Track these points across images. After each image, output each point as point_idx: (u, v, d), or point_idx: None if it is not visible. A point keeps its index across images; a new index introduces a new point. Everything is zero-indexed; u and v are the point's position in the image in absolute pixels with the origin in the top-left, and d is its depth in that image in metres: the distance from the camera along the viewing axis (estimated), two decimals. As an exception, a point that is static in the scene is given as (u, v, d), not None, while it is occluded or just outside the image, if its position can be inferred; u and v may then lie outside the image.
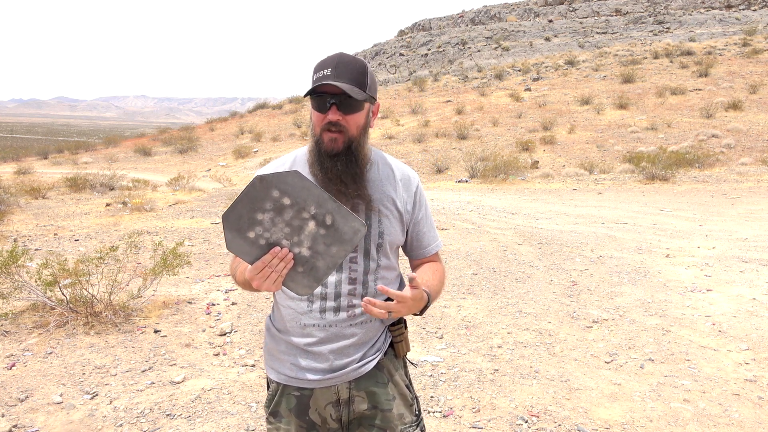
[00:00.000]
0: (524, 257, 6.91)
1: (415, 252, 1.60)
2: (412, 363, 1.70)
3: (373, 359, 1.49)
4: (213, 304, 5.04)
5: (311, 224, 1.25)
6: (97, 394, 3.38)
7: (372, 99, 1.44)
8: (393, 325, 1.53)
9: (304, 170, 1.50)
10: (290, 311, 1.48)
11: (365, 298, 1.31)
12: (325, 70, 1.36)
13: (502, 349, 4.14)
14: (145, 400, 3.32)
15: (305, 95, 1.41)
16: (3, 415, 3.11)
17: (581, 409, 3.26)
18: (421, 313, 1.44)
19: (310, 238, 1.25)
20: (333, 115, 1.37)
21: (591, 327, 4.59)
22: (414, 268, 1.63)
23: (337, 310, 1.44)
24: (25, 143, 65.81)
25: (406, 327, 1.57)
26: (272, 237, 1.25)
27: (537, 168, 18.60)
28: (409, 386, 1.59)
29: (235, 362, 3.89)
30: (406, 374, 1.60)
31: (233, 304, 5.09)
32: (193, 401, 3.32)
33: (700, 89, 27.17)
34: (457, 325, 4.61)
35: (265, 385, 3.53)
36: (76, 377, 3.59)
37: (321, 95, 1.37)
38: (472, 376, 3.67)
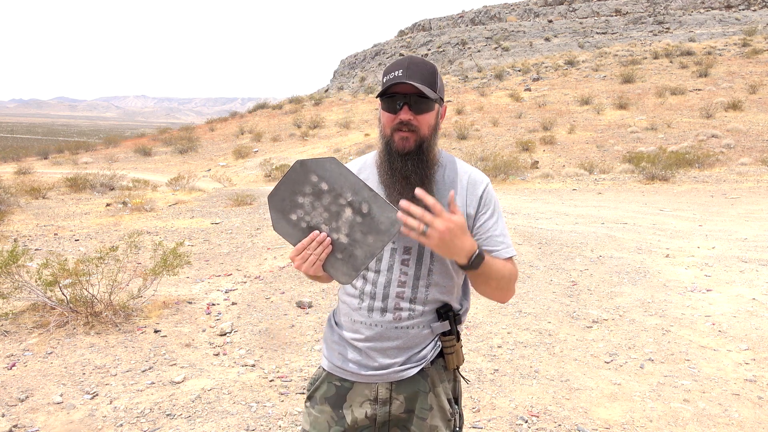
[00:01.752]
0: (524, 257, 6.91)
1: None
2: (465, 379, 1.64)
3: (417, 366, 1.47)
4: (213, 304, 5.04)
5: (348, 211, 1.28)
6: (97, 394, 3.39)
7: (441, 100, 1.45)
8: (444, 334, 1.49)
9: (372, 172, 1.49)
10: (345, 306, 1.52)
11: (402, 203, 1.23)
12: (397, 71, 1.38)
13: (502, 349, 4.14)
14: (145, 400, 3.32)
15: (377, 96, 1.42)
16: (3, 415, 3.11)
17: (581, 409, 3.26)
18: (469, 265, 1.31)
19: (347, 225, 1.29)
20: (405, 115, 1.38)
21: (591, 327, 4.59)
22: None
23: (384, 311, 1.44)
24: (25, 143, 65.80)
25: (459, 339, 1.51)
26: (312, 221, 1.31)
27: (537, 168, 18.59)
28: (452, 401, 1.54)
29: (235, 362, 3.89)
30: (454, 388, 1.55)
31: (233, 304, 5.09)
32: (193, 401, 3.32)
33: (699, 89, 27.17)
34: (457, 325, 4.61)
35: (267, 382, 3.54)
36: (76, 377, 3.59)
37: (392, 96, 1.39)
38: (472, 376, 3.67)
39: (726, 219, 9.78)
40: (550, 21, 52.15)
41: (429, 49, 55.48)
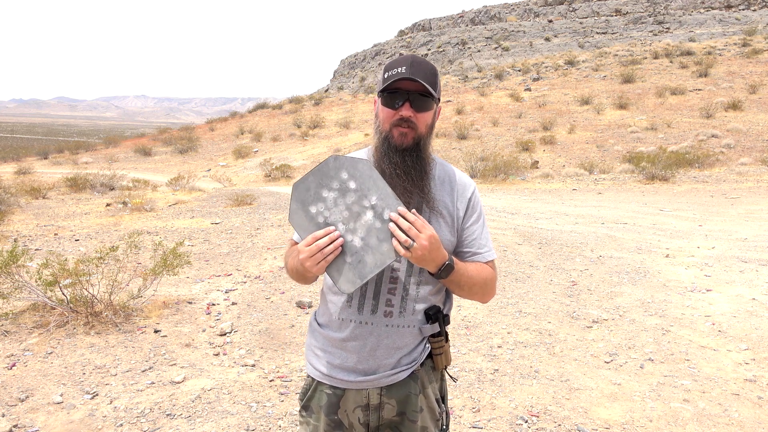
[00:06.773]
0: (524, 257, 6.91)
1: (467, 258, 1.52)
2: (452, 378, 1.67)
3: (408, 368, 1.47)
4: (213, 304, 5.04)
5: (369, 214, 1.29)
6: (97, 394, 3.39)
7: (438, 101, 1.47)
8: (433, 336, 1.50)
9: None
10: (333, 305, 1.51)
11: (392, 215, 1.27)
12: (401, 68, 1.39)
13: (502, 349, 4.14)
14: (145, 400, 3.32)
15: (379, 92, 1.43)
16: (3, 415, 3.11)
17: (581, 409, 3.26)
18: (439, 274, 1.36)
19: (365, 228, 1.29)
20: (406, 111, 1.40)
21: (591, 327, 4.59)
22: None
23: (374, 308, 1.44)
24: (25, 143, 65.79)
25: (447, 340, 1.52)
26: (331, 217, 1.31)
27: (537, 168, 18.59)
28: (440, 400, 1.56)
29: (235, 362, 3.89)
30: (441, 387, 1.57)
31: (233, 304, 5.09)
32: (193, 401, 3.32)
33: (699, 89, 27.17)
34: (457, 325, 4.61)
35: (267, 381, 3.54)
36: (76, 377, 3.59)
37: (394, 92, 1.40)
38: (472, 376, 3.67)
39: (726, 219, 9.79)
40: (550, 21, 52.15)
41: (429, 49, 55.48)
